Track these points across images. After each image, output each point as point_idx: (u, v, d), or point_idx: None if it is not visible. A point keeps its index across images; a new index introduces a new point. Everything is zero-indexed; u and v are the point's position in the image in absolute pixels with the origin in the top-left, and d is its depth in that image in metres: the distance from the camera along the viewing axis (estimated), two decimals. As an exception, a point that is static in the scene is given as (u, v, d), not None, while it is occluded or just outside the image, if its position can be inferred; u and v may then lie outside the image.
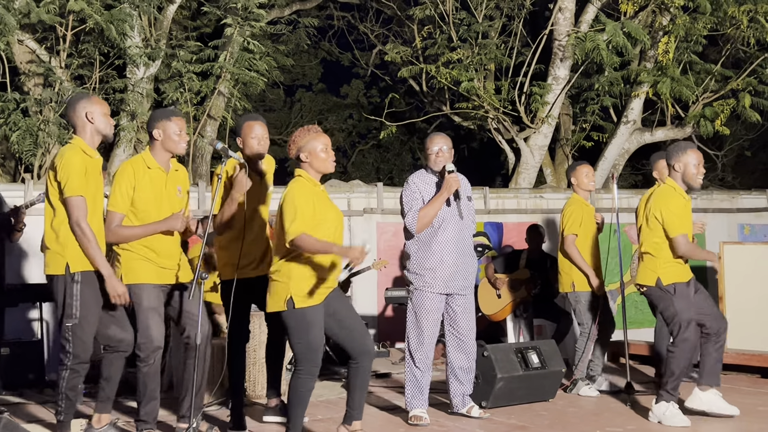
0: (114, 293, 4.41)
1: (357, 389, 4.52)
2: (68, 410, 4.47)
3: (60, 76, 9.23)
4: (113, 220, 4.61)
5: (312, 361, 4.33)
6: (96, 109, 4.57)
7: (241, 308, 5.05)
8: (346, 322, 4.47)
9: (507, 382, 5.74)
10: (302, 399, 4.33)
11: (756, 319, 7.39)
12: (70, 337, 4.41)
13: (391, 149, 18.00)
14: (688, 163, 5.33)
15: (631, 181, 16.26)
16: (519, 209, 9.84)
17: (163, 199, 4.71)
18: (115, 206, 4.62)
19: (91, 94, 9.57)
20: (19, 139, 8.95)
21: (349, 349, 4.49)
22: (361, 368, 4.49)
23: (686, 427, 5.11)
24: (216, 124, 10.59)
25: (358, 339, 4.47)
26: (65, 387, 4.44)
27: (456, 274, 5.44)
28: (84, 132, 4.56)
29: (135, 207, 4.65)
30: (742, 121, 12.80)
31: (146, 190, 4.66)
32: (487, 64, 11.50)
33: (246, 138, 5.10)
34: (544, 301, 7.59)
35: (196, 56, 10.11)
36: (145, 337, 4.62)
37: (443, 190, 5.41)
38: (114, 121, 4.74)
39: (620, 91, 11.69)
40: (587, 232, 6.40)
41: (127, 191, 4.62)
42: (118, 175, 4.69)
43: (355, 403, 4.53)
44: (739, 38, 11.31)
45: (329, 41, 16.17)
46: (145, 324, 4.61)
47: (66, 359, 4.43)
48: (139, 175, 4.66)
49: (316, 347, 4.32)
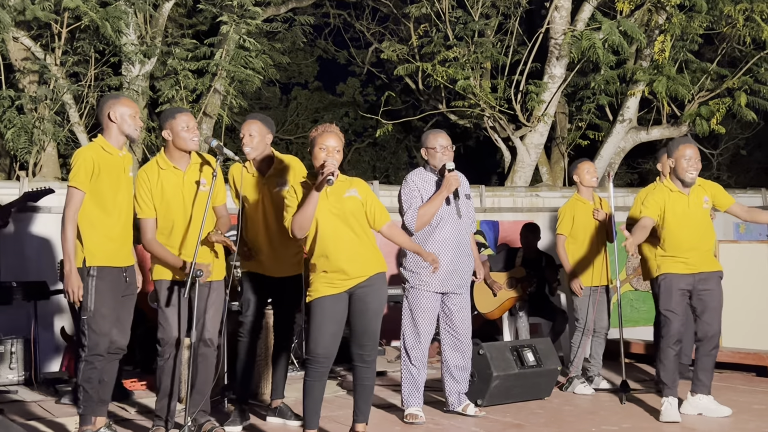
0: (69, 291, 4.43)
1: (355, 392, 4.55)
2: (87, 402, 4.50)
3: (55, 74, 9.21)
4: (145, 227, 4.73)
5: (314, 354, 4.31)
6: (121, 110, 4.62)
7: (257, 305, 5.18)
8: (358, 324, 4.45)
9: (503, 380, 5.74)
10: (313, 391, 4.33)
11: (751, 318, 7.40)
12: (86, 330, 4.46)
13: (387, 147, 18.00)
14: (679, 158, 5.37)
15: (627, 180, 16.27)
16: (515, 207, 9.85)
17: (180, 198, 4.76)
18: (141, 213, 4.74)
19: (87, 91, 9.59)
20: (14, 137, 8.93)
21: (351, 351, 4.51)
22: (356, 371, 4.51)
23: (676, 423, 5.13)
24: (212, 122, 10.56)
25: (360, 344, 4.47)
26: (81, 379, 4.48)
27: (453, 273, 5.43)
28: (108, 131, 4.64)
29: (155, 209, 4.74)
30: (738, 120, 12.83)
31: (162, 192, 4.74)
32: (484, 62, 11.49)
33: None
34: (540, 300, 7.59)
35: (192, 54, 10.08)
36: (163, 332, 4.70)
37: (443, 189, 5.40)
38: (141, 123, 4.77)
39: (616, 90, 11.69)
40: (580, 230, 6.42)
41: (146, 195, 4.72)
42: (136, 183, 4.79)
43: (354, 405, 4.56)
44: (735, 37, 11.32)
45: (325, 39, 16.15)
46: (164, 319, 4.70)
47: (82, 352, 4.48)
48: (153, 179, 4.75)
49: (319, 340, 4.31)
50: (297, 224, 4.29)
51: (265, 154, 5.23)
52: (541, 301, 7.60)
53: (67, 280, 4.42)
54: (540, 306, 7.60)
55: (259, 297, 5.21)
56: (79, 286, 4.42)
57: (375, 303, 4.45)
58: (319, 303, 4.34)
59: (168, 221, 4.77)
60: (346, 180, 4.49)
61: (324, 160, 4.32)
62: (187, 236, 4.78)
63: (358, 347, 4.45)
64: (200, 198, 4.81)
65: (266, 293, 5.26)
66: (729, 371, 7.09)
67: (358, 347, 4.45)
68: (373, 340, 4.46)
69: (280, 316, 5.41)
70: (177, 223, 4.78)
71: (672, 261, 5.36)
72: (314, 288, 4.38)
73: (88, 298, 4.46)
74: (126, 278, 4.63)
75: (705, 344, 5.37)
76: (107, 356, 4.58)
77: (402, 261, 5.54)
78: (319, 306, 4.34)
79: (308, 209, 4.27)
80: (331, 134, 4.40)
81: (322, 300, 4.34)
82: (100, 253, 4.49)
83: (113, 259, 4.56)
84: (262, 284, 5.19)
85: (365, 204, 4.46)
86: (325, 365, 4.32)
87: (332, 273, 4.36)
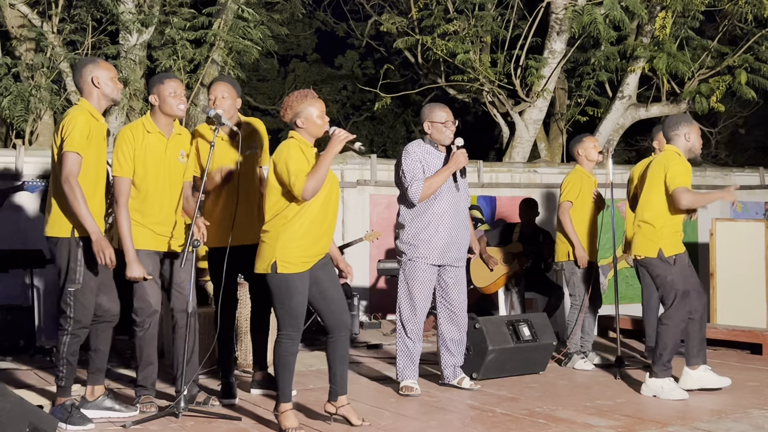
0: (102, 255, 4.31)
1: (337, 363, 4.43)
2: (69, 375, 4.46)
3: (52, 42, 9.14)
4: (121, 186, 4.62)
5: (293, 326, 4.27)
6: (102, 74, 4.53)
7: (229, 277, 5.01)
8: (327, 294, 4.38)
9: (498, 354, 5.76)
10: (287, 364, 4.27)
11: (746, 296, 7.44)
12: (71, 301, 4.39)
13: (385, 121, 17.95)
14: (693, 132, 5.36)
15: (625, 157, 16.26)
16: (512, 183, 9.84)
17: (161, 164, 4.72)
18: (120, 171, 4.64)
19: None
20: (10, 105, 8.89)
21: (325, 322, 4.43)
22: (337, 341, 4.41)
23: (684, 400, 5.14)
24: (209, 93, 10.51)
25: (336, 312, 4.38)
26: (66, 352, 4.42)
27: (450, 245, 5.43)
28: (91, 96, 4.53)
29: (134, 171, 4.65)
30: (737, 98, 12.80)
31: (145, 155, 4.67)
32: (484, 36, 11.42)
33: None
34: (536, 275, 7.60)
35: (190, 23, 10.01)
36: (141, 302, 4.65)
37: (451, 164, 5.38)
38: (121, 85, 4.70)
39: (616, 66, 11.65)
40: (584, 203, 6.39)
41: (129, 154, 4.64)
42: (118, 140, 4.69)
43: (336, 378, 4.44)
44: (736, 14, 11.26)
45: (324, 11, 16.05)
46: (141, 289, 4.64)
47: (66, 324, 4.40)
48: (138, 139, 4.68)
49: (296, 314, 4.26)
50: (312, 188, 4.18)
51: (234, 118, 5.11)
52: (537, 277, 7.61)
53: (97, 245, 4.28)
54: (536, 281, 7.61)
55: (230, 269, 4.98)
56: (109, 247, 4.31)
57: (332, 270, 4.44)
58: (295, 279, 4.26)
59: (144, 187, 4.68)
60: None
61: (330, 126, 4.33)
62: (162, 207, 4.71)
63: (330, 317, 4.40)
64: (179, 169, 4.78)
65: (237, 264, 5.00)
66: (723, 349, 7.12)
67: (330, 317, 4.40)
68: (344, 306, 4.44)
69: (255, 285, 5.22)
70: (153, 191, 4.70)
71: (679, 238, 5.36)
72: (288, 262, 4.25)
73: (77, 269, 4.38)
74: None
75: (702, 315, 5.43)
76: (98, 326, 4.55)
77: (399, 234, 5.52)
78: (294, 281, 4.26)
79: (324, 172, 4.22)
80: (320, 100, 4.40)
81: (299, 276, 4.27)
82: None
83: None
84: (232, 255, 4.92)
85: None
86: (298, 340, 4.31)
87: (309, 247, 4.29)
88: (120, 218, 4.60)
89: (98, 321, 4.58)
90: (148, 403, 4.70)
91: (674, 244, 5.32)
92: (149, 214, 4.69)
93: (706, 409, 4.92)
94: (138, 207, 4.68)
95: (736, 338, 7.11)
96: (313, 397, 5.09)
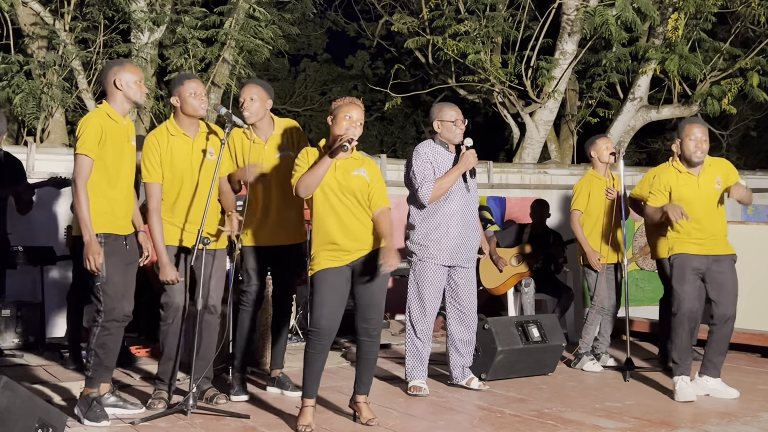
0: (88, 260, 4.33)
1: (357, 365, 4.53)
2: (96, 367, 4.49)
3: (64, 39, 9.17)
4: (152, 192, 4.73)
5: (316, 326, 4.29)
6: (126, 76, 4.55)
7: (258, 275, 5.15)
8: (363, 297, 4.42)
9: (507, 355, 5.74)
10: (310, 362, 4.31)
11: (757, 299, 7.39)
12: (100, 295, 4.43)
13: (395, 122, 17.95)
14: (685, 137, 5.36)
15: (636, 159, 16.22)
16: (522, 184, 9.82)
17: (188, 165, 4.79)
18: (149, 177, 4.74)
19: (96, 58, 9.55)
20: (22, 102, 8.92)
21: (356, 324, 4.49)
22: (360, 344, 4.48)
23: (689, 402, 5.13)
24: (220, 92, 10.53)
25: (359, 317, 4.44)
26: (95, 344, 4.45)
27: (460, 246, 5.42)
28: (113, 98, 4.56)
29: (163, 175, 4.76)
30: (749, 101, 12.74)
31: (171, 158, 4.75)
32: (495, 37, 11.41)
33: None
34: (546, 276, 7.59)
35: (201, 22, 10.02)
36: (167, 298, 4.74)
37: (460, 165, 5.38)
38: (146, 89, 4.72)
39: (627, 68, 11.62)
40: (595, 207, 6.36)
41: (156, 160, 4.73)
42: (144, 147, 4.77)
43: (356, 377, 4.54)
44: (749, 16, 11.23)
45: (335, 11, 16.07)
46: (168, 285, 4.73)
47: (98, 317, 4.46)
48: (162, 144, 4.76)
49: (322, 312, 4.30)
50: (304, 184, 4.29)
51: (266, 120, 5.16)
52: (547, 278, 7.60)
53: (87, 248, 4.34)
54: (545, 283, 7.59)
55: (259, 267, 5.16)
56: (99, 254, 4.35)
57: (378, 277, 4.42)
58: (321, 275, 4.33)
59: (174, 189, 4.78)
60: (360, 158, 4.47)
61: (347, 128, 4.35)
62: (192, 205, 4.79)
63: (363, 321, 4.44)
64: (207, 167, 4.81)
65: (266, 263, 5.20)
66: (734, 352, 7.07)
67: (363, 321, 4.44)
68: (377, 314, 4.45)
69: (279, 285, 5.37)
70: (183, 192, 4.79)
71: (685, 241, 5.34)
72: (316, 261, 4.37)
73: (102, 265, 4.42)
74: (126, 245, 4.59)
75: (720, 327, 5.30)
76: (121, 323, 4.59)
77: (409, 234, 5.52)
78: (321, 278, 4.33)
79: (319, 172, 4.28)
80: (357, 107, 4.43)
81: (324, 272, 4.33)
82: (104, 221, 4.44)
83: (116, 227, 4.51)
84: (262, 255, 5.13)
85: (370, 185, 4.44)
86: (327, 338, 4.30)
87: (330, 245, 4.35)
88: (152, 223, 4.71)
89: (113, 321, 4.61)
90: (157, 399, 4.75)
91: (677, 244, 5.36)
92: (179, 214, 4.80)
93: (715, 412, 4.89)
94: (169, 208, 4.79)
95: (747, 341, 7.07)
96: (320, 395, 5.08)
